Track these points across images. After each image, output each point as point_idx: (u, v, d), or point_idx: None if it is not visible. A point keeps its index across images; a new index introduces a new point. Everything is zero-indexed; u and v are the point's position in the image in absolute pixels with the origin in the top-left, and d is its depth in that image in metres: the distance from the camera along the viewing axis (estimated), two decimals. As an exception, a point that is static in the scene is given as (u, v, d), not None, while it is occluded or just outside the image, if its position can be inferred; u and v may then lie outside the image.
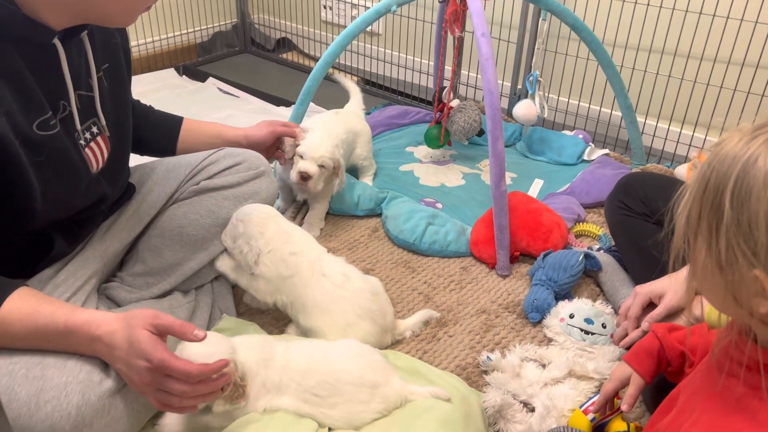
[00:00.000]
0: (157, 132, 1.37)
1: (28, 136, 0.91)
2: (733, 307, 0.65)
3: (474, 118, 1.91)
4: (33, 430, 0.86)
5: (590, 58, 2.03)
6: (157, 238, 1.25)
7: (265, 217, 1.25)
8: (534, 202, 1.63)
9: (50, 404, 0.87)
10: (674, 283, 1.15)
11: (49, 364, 0.90)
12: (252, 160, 1.35)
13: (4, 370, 0.89)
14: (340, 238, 1.64)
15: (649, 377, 0.94)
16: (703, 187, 0.64)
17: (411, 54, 2.60)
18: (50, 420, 0.87)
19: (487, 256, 1.55)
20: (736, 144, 0.62)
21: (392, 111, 2.32)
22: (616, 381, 0.96)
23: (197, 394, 0.89)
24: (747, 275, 0.61)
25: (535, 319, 1.35)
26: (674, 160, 2.10)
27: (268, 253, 1.23)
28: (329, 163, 1.54)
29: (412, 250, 1.60)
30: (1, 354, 0.90)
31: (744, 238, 0.60)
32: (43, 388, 0.88)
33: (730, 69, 1.89)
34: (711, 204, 0.62)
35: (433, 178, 1.94)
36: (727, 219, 0.60)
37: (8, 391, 0.87)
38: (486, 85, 1.47)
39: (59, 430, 0.87)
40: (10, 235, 1.00)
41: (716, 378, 0.71)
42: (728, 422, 0.67)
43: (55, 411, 0.87)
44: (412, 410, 1.02)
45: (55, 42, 0.93)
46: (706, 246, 0.64)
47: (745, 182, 0.60)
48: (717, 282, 0.64)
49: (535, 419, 1.06)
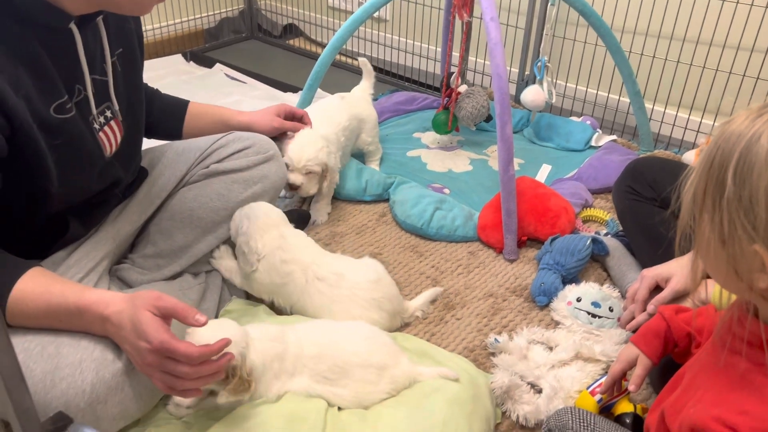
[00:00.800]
0: (164, 116, 1.38)
1: (45, 120, 0.92)
2: (735, 282, 0.66)
3: (482, 104, 1.91)
4: (48, 407, 0.88)
5: (598, 43, 2.02)
6: (168, 220, 1.27)
7: (269, 221, 1.27)
8: (542, 186, 1.64)
9: (65, 381, 0.89)
10: (681, 267, 1.16)
11: (63, 342, 0.92)
12: (261, 144, 1.36)
13: (20, 348, 0.90)
14: (347, 222, 1.65)
15: (656, 358, 0.95)
16: (709, 163, 0.65)
17: (419, 40, 2.59)
18: (65, 397, 0.88)
19: (495, 241, 1.55)
20: (742, 122, 0.63)
21: (400, 97, 2.32)
22: (623, 362, 0.97)
23: (199, 376, 0.88)
24: (747, 249, 0.62)
25: (542, 302, 1.36)
26: (682, 146, 2.09)
27: (263, 258, 1.25)
28: (316, 168, 1.53)
29: (420, 234, 1.61)
30: (17, 332, 0.92)
31: (745, 213, 0.61)
32: (58, 366, 0.89)
33: (740, 54, 1.88)
34: (715, 180, 0.63)
35: (440, 163, 1.95)
36: (729, 194, 0.62)
37: (24, 368, 0.89)
38: (494, 69, 1.47)
39: (74, 407, 0.88)
40: (26, 217, 1.02)
41: (720, 355, 0.72)
42: (733, 398, 0.68)
43: (70, 388, 0.89)
44: (420, 390, 1.04)
45: (72, 26, 0.94)
46: (710, 221, 0.65)
47: (747, 159, 0.61)
48: (720, 257, 0.65)
49: (543, 400, 1.07)
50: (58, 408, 0.88)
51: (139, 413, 0.98)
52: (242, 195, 1.30)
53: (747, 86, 1.89)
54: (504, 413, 1.09)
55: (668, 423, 0.74)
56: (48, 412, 0.87)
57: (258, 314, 1.26)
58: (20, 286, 0.90)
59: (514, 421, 1.08)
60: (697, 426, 0.68)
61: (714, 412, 0.67)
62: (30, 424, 0.55)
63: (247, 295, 1.34)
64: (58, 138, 0.95)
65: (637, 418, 0.98)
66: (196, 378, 0.88)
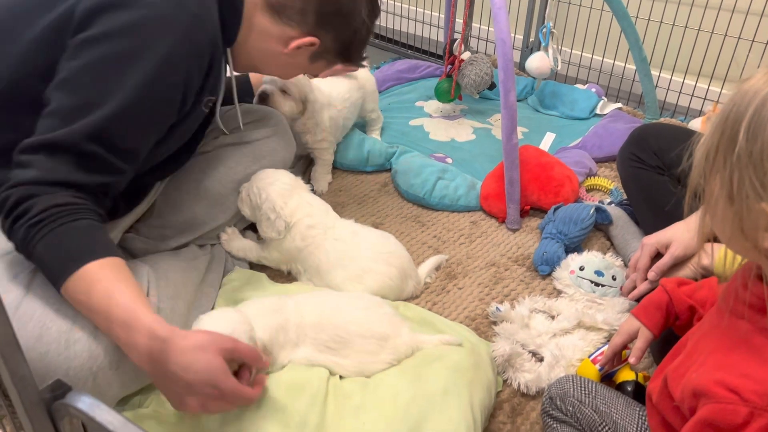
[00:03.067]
0: None
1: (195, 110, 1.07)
2: (740, 241, 0.65)
3: (485, 71, 1.88)
4: (60, 368, 0.88)
5: (605, 8, 1.98)
6: (175, 191, 1.27)
7: (288, 187, 1.26)
8: (545, 155, 1.62)
9: (80, 343, 0.89)
10: (681, 232, 1.15)
11: None
12: (271, 118, 1.36)
13: (39, 304, 0.90)
14: (349, 192, 1.64)
15: (657, 331, 0.94)
16: (724, 120, 0.63)
17: (421, 6, 2.55)
18: (79, 359, 0.88)
19: (497, 210, 1.54)
20: (759, 79, 0.62)
21: (401, 65, 2.29)
22: (624, 335, 0.97)
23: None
24: (754, 208, 0.61)
25: (544, 271, 1.35)
26: (688, 114, 2.06)
27: (292, 225, 1.24)
28: (293, 89, 1.48)
29: (422, 204, 1.59)
30: (37, 288, 0.92)
31: (754, 169, 0.60)
32: (75, 327, 0.89)
33: (749, 19, 1.84)
34: (728, 136, 0.62)
35: (443, 132, 1.92)
36: (740, 149, 0.61)
37: (40, 325, 0.89)
38: (498, 34, 1.44)
39: (86, 369, 0.89)
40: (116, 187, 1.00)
41: (723, 320, 0.72)
42: (735, 361, 0.68)
43: (84, 350, 0.89)
44: (422, 359, 1.04)
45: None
46: (720, 178, 0.64)
47: (761, 115, 0.60)
48: (726, 215, 0.64)
49: (544, 368, 1.08)
50: (70, 369, 0.88)
51: (148, 380, 0.98)
52: (251, 167, 1.30)
53: (756, 52, 1.85)
54: (505, 381, 1.10)
55: (671, 389, 0.74)
56: (59, 372, 0.88)
57: (261, 282, 1.26)
58: (90, 266, 0.87)
59: (515, 389, 1.08)
60: (699, 390, 0.67)
61: (716, 376, 0.66)
62: (27, 392, 0.54)
63: (251, 265, 1.34)
64: (191, 123, 1.08)
65: (638, 386, 0.98)
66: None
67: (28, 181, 0.88)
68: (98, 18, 0.93)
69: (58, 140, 0.89)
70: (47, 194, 0.88)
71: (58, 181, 0.89)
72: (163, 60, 0.95)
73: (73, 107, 0.91)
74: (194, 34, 0.99)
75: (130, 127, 0.95)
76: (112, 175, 0.96)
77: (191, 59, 0.99)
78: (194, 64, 1.01)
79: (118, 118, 0.92)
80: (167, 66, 0.96)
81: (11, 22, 0.99)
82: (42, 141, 0.90)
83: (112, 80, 0.93)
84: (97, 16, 0.93)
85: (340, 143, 1.73)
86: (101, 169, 0.94)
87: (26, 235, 0.87)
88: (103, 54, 0.92)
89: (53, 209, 0.88)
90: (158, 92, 0.96)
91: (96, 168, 0.93)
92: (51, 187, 0.89)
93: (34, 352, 0.88)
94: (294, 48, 1.12)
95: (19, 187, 0.88)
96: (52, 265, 0.88)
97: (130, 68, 0.93)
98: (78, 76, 0.92)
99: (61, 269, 0.87)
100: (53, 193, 0.89)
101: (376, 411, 0.94)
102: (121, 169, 0.96)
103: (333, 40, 1.15)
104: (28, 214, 0.87)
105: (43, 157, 0.89)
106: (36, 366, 0.88)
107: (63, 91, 0.92)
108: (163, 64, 0.95)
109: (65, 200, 0.89)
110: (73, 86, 0.92)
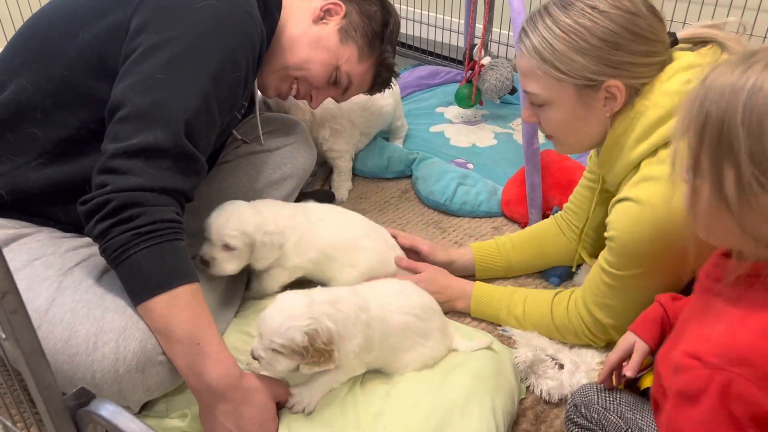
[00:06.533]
0: None
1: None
2: (737, 237, 0.66)
3: (506, 76, 1.87)
4: (88, 370, 0.90)
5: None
6: (197, 200, 1.28)
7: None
8: (567, 159, 1.60)
9: (108, 346, 0.90)
10: None
11: (108, 307, 0.93)
12: (290, 127, 1.37)
13: (68, 307, 0.92)
14: (370, 199, 1.65)
15: (654, 343, 0.93)
16: (702, 123, 0.63)
17: (441, 12, 2.55)
18: (106, 360, 0.90)
19: (519, 216, 1.53)
20: (727, 76, 0.61)
21: (422, 71, 2.29)
22: (621, 350, 0.95)
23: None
24: (762, 199, 0.61)
25: (555, 283, 1.34)
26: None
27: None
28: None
29: (443, 210, 1.59)
30: (65, 291, 0.94)
31: (757, 164, 0.60)
32: (103, 329, 0.91)
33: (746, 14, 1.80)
34: (717, 138, 0.62)
35: (464, 138, 1.92)
36: (740, 148, 0.60)
37: (69, 328, 0.91)
38: (517, 39, 1.43)
39: (113, 372, 0.90)
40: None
41: (698, 299, 0.74)
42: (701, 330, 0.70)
43: (111, 353, 0.90)
44: (444, 365, 1.03)
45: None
46: (710, 183, 0.64)
47: (755, 111, 0.59)
48: (723, 216, 0.64)
49: (565, 375, 1.07)
50: (97, 371, 0.90)
51: (172, 387, 0.99)
52: (272, 176, 1.31)
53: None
54: (528, 388, 1.09)
55: (662, 374, 0.74)
56: (87, 375, 0.90)
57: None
58: (186, 287, 0.91)
59: (538, 396, 1.07)
60: (674, 365, 0.69)
61: (685, 348, 0.68)
62: (53, 400, 0.55)
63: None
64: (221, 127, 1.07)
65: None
66: None
67: (131, 188, 0.90)
68: (160, 20, 0.98)
69: (154, 144, 0.92)
70: (154, 205, 0.91)
71: (161, 187, 0.92)
72: (227, 55, 0.99)
73: (152, 105, 0.93)
74: (250, 28, 1.03)
75: (206, 122, 0.99)
76: (200, 176, 1.00)
77: (248, 54, 1.03)
78: (250, 59, 1.04)
79: (197, 113, 0.96)
80: (232, 61, 1.00)
81: (75, 23, 1.03)
82: (138, 146, 0.91)
83: (184, 77, 0.96)
84: (158, 19, 0.98)
85: (360, 151, 1.73)
86: (194, 170, 0.98)
87: (129, 240, 0.89)
88: (173, 53, 0.96)
89: (163, 224, 0.91)
90: (226, 87, 1.00)
91: (190, 169, 0.97)
92: (154, 194, 0.92)
93: (62, 354, 0.90)
94: (322, 12, 1.17)
95: (121, 193, 0.90)
96: (147, 277, 0.90)
97: (200, 64, 0.97)
98: (150, 76, 0.95)
99: (159, 282, 0.90)
100: (161, 206, 0.92)
101: (396, 418, 0.94)
102: (205, 167, 1.00)
103: (358, 14, 1.19)
104: (134, 221, 0.89)
105: (141, 163, 0.91)
106: (63, 368, 0.90)
107: (136, 92, 0.94)
108: (228, 59, 0.99)
109: (172, 217, 0.93)
110: (147, 87, 0.94)
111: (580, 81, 0.98)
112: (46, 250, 1.00)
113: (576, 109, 1.01)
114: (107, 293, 0.96)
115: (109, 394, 0.91)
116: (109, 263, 0.93)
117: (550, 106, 1.03)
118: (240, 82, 1.03)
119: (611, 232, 1.01)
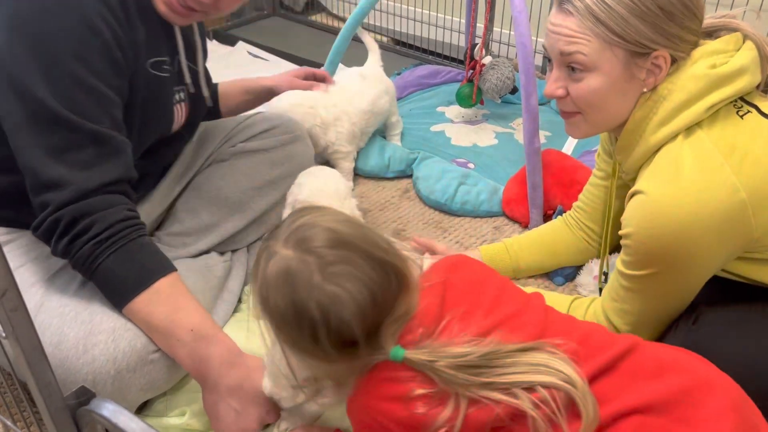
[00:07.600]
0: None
1: (141, 71, 1.01)
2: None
3: (507, 75, 1.87)
4: (79, 373, 0.90)
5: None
6: (195, 199, 1.28)
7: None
8: (568, 158, 1.60)
9: (98, 348, 0.90)
10: None
11: (96, 310, 0.93)
12: (287, 125, 1.38)
13: (56, 312, 0.92)
14: (370, 199, 1.64)
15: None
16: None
17: (441, 12, 2.54)
18: (97, 363, 0.90)
19: (520, 215, 1.53)
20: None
21: (423, 71, 2.28)
22: None
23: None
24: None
25: (559, 282, 1.34)
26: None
27: None
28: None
29: (444, 210, 1.59)
30: (52, 296, 0.94)
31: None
32: (92, 332, 0.91)
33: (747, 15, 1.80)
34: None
35: (465, 138, 1.92)
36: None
37: (58, 333, 0.91)
38: (519, 38, 1.43)
39: (104, 373, 0.90)
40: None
41: None
42: None
43: (102, 354, 0.90)
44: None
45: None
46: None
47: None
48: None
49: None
50: (89, 374, 0.90)
51: (167, 385, 0.99)
52: (269, 175, 1.31)
53: None
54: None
55: None
56: (79, 377, 0.90)
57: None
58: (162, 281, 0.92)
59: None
60: None
61: None
62: (53, 399, 0.55)
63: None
64: (145, 91, 1.02)
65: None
66: None
67: (73, 199, 0.89)
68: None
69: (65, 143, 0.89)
70: (104, 209, 0.90)
71: (99, 185, 0.91)
72: (79, 20, 0.90)
73: (32, 104, 0.88)
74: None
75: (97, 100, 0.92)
76: (125, 152, 0.96)
77: (105, 15, 0.93)
78: (110, 17, 0.94)
79: (79, 96, 0.90)
80: (88, 27, 0.91)
81: None
82: (52, 149, 0.89)
83: (38, 56, 0.88)
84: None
85: (361, 150, 1.73)
86: (116, 151, 0.94)
87: (93, 251, 0.89)
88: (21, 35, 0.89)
89: (119, 225, 0.91)
90: (89, 52, 0.91)
91: (113, 151, 0.93)
92: (98, 196, 0.90)
93: (53, 359, 0.89)
94: None
95: (66, 208, 0.89)
96: (123, 281, 0.90)
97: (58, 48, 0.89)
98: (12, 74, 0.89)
99: (135, 283, 0.90)
100: (110, 208, 0.91)
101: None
102: (125, 141, 0.96)
103: None
104: (90, 232, 0.89)
105: (66, 170, 0.89)
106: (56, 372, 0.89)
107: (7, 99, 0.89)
108: (81, 24, 0.90)
109: (125, 215, 0.92)
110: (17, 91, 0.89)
111: (632, 47, 0.92)
112: (30, 256, 1.01)
113: (618, 80, 0.95)
114: (94, 296, 0.96)
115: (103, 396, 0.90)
116: (84, 276, 0.93)
117: (591, 73, 0.95)
118: (109, 46, 0.93)
119: (627, 228, 0.95)
